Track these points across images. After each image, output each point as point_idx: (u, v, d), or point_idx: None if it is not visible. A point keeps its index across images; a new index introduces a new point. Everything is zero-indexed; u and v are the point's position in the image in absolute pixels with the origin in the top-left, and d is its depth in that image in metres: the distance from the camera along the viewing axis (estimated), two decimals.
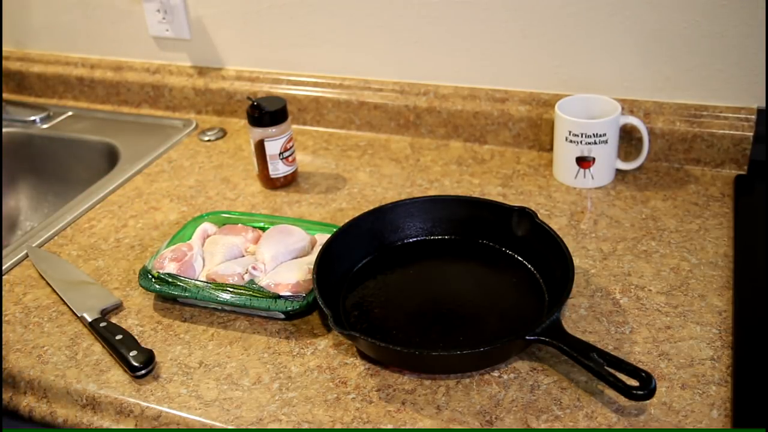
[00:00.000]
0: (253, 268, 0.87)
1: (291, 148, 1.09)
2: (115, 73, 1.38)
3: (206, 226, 0.97)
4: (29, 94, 1.46)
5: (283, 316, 0.84)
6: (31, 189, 1.35)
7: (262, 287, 0.85)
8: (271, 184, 1.11)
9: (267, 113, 1.06)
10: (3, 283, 0.94)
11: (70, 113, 1.38)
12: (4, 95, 1.46)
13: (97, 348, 0.83)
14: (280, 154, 1.08)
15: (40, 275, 0.95)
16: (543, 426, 0.70)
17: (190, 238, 0.94)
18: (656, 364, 0.75)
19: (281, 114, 1.07)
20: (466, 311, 0.83)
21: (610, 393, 0.72)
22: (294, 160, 1.11)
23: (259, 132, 1.06)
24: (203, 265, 0.90)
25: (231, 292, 0.85)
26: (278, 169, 1.09)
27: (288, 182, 1.11)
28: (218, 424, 0.73)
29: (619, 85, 1.09)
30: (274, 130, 1.06)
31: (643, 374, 0.68)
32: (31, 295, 0.92)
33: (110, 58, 1.40)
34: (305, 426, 0.71)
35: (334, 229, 0.90)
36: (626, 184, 1.05)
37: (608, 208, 1.01)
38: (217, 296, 0.85)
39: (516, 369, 0.76)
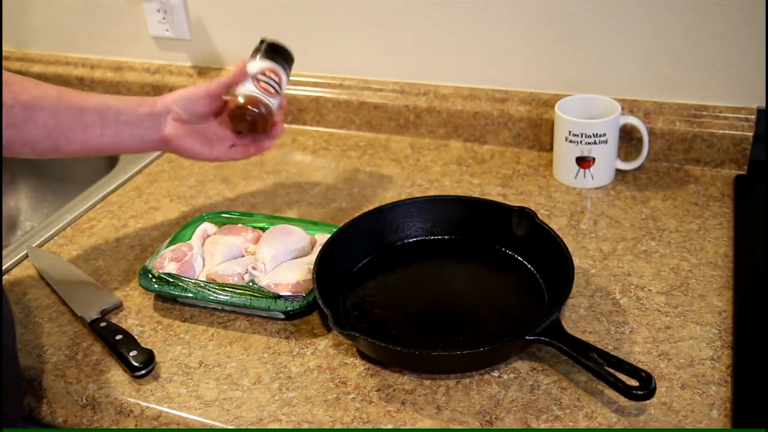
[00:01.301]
0: (253, 268, 0.87)
1: (274, 80, 0.95)
2: (115, 73, 1.38)
3: (206, 226, 0.97)
4: None
5: (283, 316, 0.84)
6: (31, 189, 1.35)
7: (262, 287, 0.85)
8: (227, 109, 0.93)
9: (267, 44, 0.96)
10: (3, 283, 0.94)
11: None
12: None
13: (97, 348, 0.83)
14: (254, 76, 0.94)
15: (40, 275, 0.95)
16: (543, 426, 0.70)
17: (190, 238, 0.94)
18: (656, 364, 0.75)
19: (282, 52, 0.97)
20: (466, 311, 0.83)
21: (610, 393, 0.72)
22: (271, 93, 0.94)
23: (249, 63, 0.95)
24: (203, 265, 0.90)
25: (231, 292, 0.85)
26: (246, 88, 0.93)
27: (252, 118, 0.93)
28: (218, 424, 0.73)
29: (619, 85, 1.09)
30: (265, 63, 0.95)
31: (643, 374, 0.68)
32: (31, 295, 0.92)
33: (110, 58, 1.40)
34: (305, 426, 0.71)
35: (334, 229, 0.90)
36: (626, 184, 1.05)
37: (608, 208, 1.01)
38: (217, 296, 0.85)
39: (516, 369, 0.76)
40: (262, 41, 0.97)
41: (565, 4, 1.06)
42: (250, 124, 0.93)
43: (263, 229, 0.96)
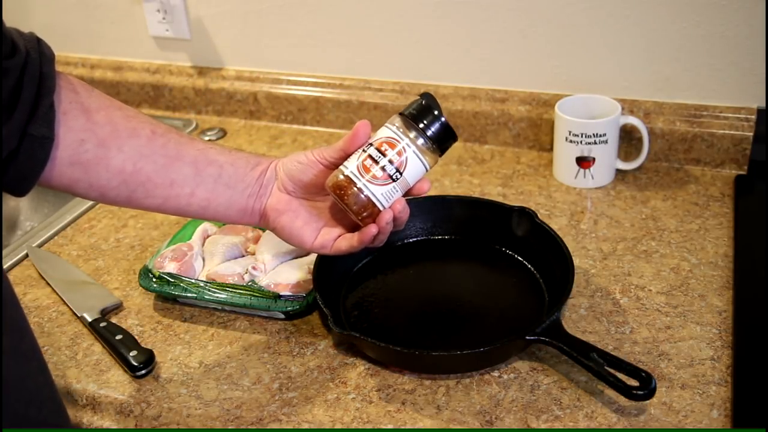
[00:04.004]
0: (253, 268, 0.87)
1: (390, 159, 0.71)
2: (115, 73, 1.38)
3: (206, 226, 0.97)
4: None
5: (283, 316, 0.84)
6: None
7: (262, 287, 0.85)
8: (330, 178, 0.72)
9: (418, 104, 0.71)
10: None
11: None
12: None
13: (97, 348, 0.83)
14: (367, 146, 0.71)
15: (40, 275, 0.95)
16: (543, 426, 0.70)
17: (190, 238, 0.94)
18: (656, 364, 0.75)
19: (428, 121, 0.71)
20: (466, 311, 0.83)
21: (610, 393, 0.72)
22: (377, 178, 0.71)
23: (417, 143, 0.71)
24: (203, 265, 0.90)
25: (231, 292, 0.85)
26: (347, 162, 0.71)
27: (341, 206, 0.73)
28: (218, 424, 0.73)
29: (619, 85, 1.09)
30: (389, 132, 0.71)
31: (643, 374, 0.68)
32: (31, 295, 0.92)
33: (110, 58, 1.40)
34: (305, 426, 0.71)
35: None
36: (626, 184, 1.05)
37: (608, 208, 1.01)
38: (217, 296, 0.85)
39: (516, 369, 0.76)
40: (421, 95, 0.72)
41: (565, 4, 1.06)
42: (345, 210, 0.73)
43: (263, 229, 0.95)
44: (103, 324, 0.84)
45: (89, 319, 0.85)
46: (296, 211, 0.75)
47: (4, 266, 0.97)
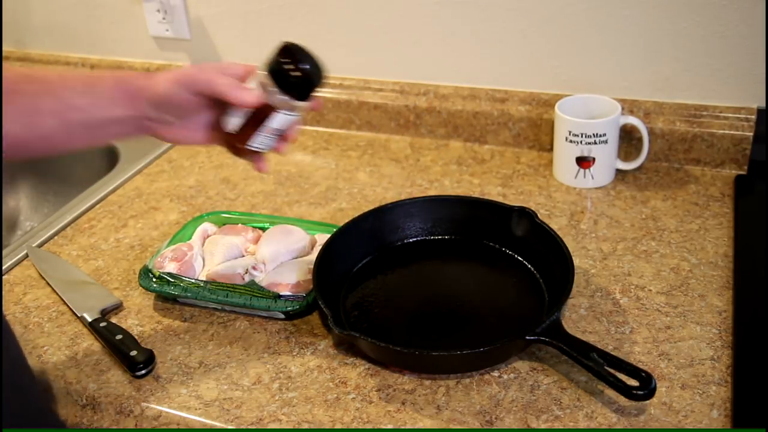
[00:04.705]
0: (253, 268, 0.87)
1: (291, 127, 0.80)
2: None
3: (206, 226, 0.97)
4: None
5: (283, 316, 0.84)
6: (31, 189, 1.35)
7: (262, 287, 0.85)
8: (238, 150, 0.78)
9: (310, 84, 0.75)
10: (3, 283, 0.94)
11: None
12: None
13: (97, 348, 0.83)
14: (278, 130, 0.77)
15: (40, 275, 0.95)
16: (543, 426, 0.70)
17: (190, 238, 0.94)
18: (656, 364, 0.75)
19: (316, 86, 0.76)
20: (466, 311, 0.83)
21: (610, 393, 0.72)
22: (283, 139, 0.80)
23: (279, 98, 0.74)
24: (203, 265, 0.90)
25: (231, 292, 0.85)
26: (263, 142, 0.77)
27: (257, 159, 0.80)
28: (218, 424, 0.73)
29: (619, 85, 1.09)
30: (302, 104, 0.75)
31: (643, 374, 0.68)
32: (31, 295, 0.92)
33: (110, 58, 1.40)
34: (305, 426, 0.71)
35: (334, 229, 0.90)
36: (626, 184, 1.05)
37: (608, 208, 1.01)
38: (217, 296, 0.85)
39: (516, 369, 0.76)
40: (305, 71, 0.74)
41: (565, 4, 1.06)
42: None
43: (263, 229, 0.96)
44: (103, 324, 0.84)
45: (89, 319, 0.85)
46: (178, 126, 0.75)
47: (4, 266, 0.97)
